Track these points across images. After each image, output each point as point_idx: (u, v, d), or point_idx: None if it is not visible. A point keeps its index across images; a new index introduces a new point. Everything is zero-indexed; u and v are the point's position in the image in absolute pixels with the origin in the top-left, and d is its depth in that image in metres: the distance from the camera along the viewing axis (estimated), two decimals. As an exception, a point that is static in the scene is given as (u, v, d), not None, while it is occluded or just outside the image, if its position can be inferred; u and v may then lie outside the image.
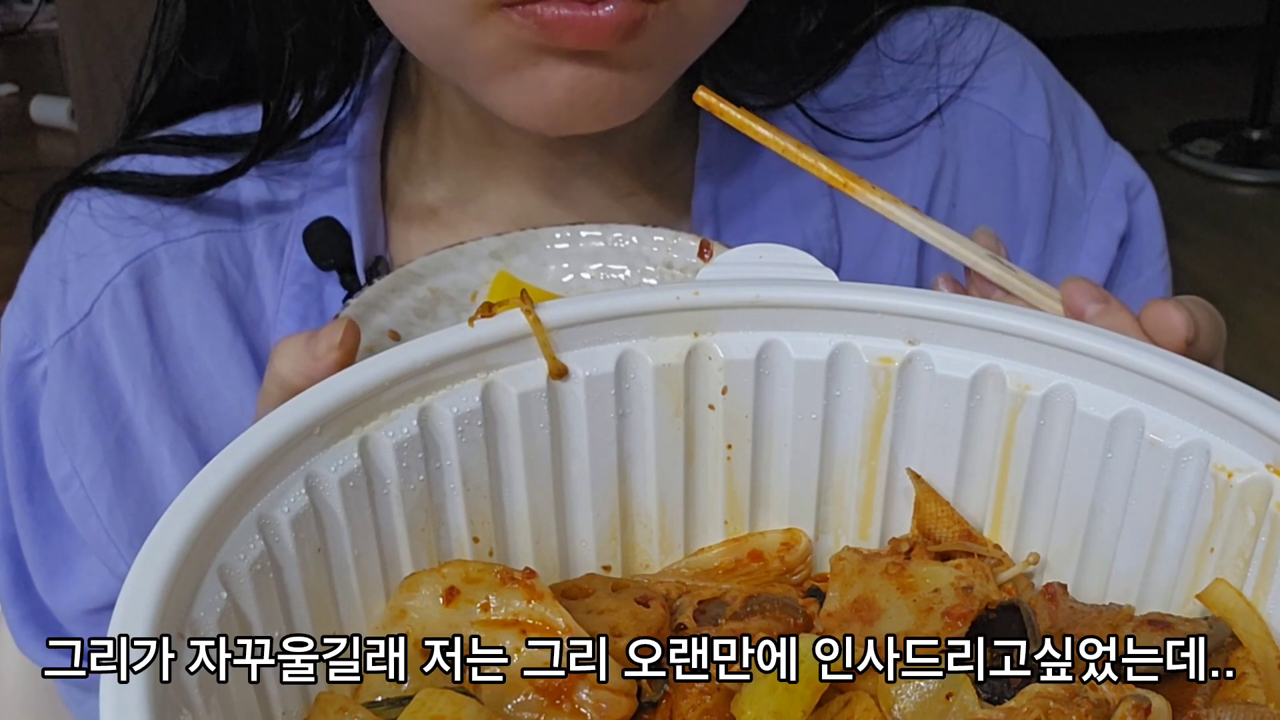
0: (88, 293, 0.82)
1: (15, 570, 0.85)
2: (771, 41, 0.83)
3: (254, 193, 0.84)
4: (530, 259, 0.76)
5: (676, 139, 0.85)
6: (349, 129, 0.83)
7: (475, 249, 0.75)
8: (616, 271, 0.76)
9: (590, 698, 0.48)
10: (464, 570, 0.51)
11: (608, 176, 0.83)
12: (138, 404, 0.81)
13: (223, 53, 0.83)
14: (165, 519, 0.45)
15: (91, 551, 0.83)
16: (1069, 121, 0.88)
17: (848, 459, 0.58)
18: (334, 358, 0.62)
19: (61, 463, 0.81)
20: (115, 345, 0.81)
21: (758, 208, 0.84)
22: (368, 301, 0.72)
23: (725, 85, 0.81)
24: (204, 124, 0.85)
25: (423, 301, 0.74)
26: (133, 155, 0.84)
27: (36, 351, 0.82)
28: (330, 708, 0.48)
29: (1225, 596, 0.51)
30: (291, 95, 0.80)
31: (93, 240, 0.82)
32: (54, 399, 0.81)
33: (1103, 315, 0.62)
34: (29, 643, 0.86)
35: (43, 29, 4.23)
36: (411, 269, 0.74)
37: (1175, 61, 4.24)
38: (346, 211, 0.82)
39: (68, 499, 0.82)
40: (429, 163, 0.85)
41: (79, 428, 0.81)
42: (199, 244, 0.83)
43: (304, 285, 0.82)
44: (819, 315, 0.57)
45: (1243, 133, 3.73)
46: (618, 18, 0.63)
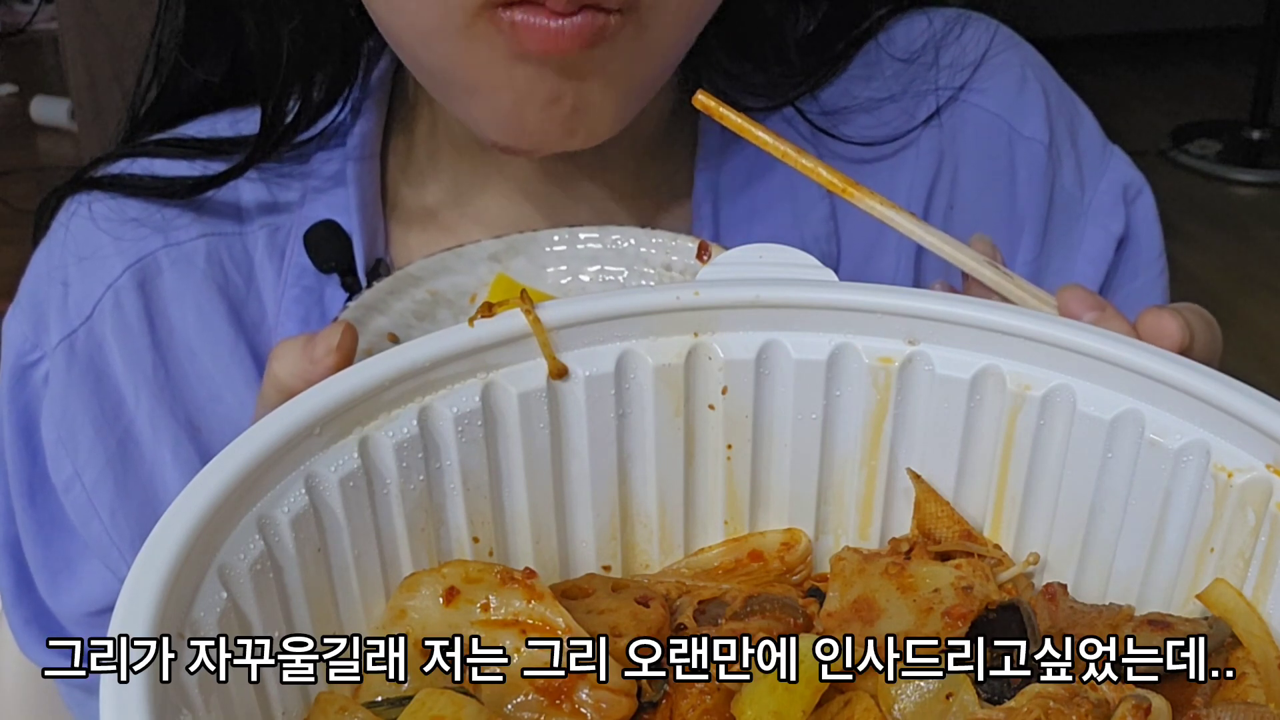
0: (89, 295, 0.82)
1: (17, 573, 0.85)
2: (770, 43, 0.83)
3: (254, 194, 0.84)
4: (529, 261, 0.76)
5: (675, 140, 0.85)
6: (349, 130, 0.84)
7: (474, 251, 0.75)
8: (614, 273, 0.76)
9: (590, 698, 0.48)
10: (464, 570, 0.51)
11: (606, 178, 0.83)
12: (139, 407, 0.81)
13: (222, 54, 0.84)
14: (165, 519, 0.45)
15: (94, 554, 0.83)
16: (1068, 124, 0.88)
17: (848, 459, 0.58)
18: (331, 361, 0.62)
19: (63, 466, 0.81)
20: (117, 348, 0.81)
21: (756, 210, 0.84)
22: (366, 304, 0.72)
23: (724, 87, 0.82)
24: (204, 126, 0.85)
25: (421, 304, 0.74)
26: (133, 158, 0.84)
27: (38, 355, 0.82)
28: (330, 708, 0.48)
29: (1225, 596, 0.51)
30: (289, 95, 0.80)
31: (94, 243, 0.82)
32: (56, 402, 0.81)
33: (1099, 323, 0.62)
34: (31, 645, 0.86)
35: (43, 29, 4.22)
36: (410, 272, 0.74)
37: (1175, 61, 4.24)
38: (346, 213, 0.82)
39: (70, 502, 0.82)
40: (427, 164, 0.85)
41: (81, 431, 0.81)
42: (200, 247, 0.83)
43: (305, 288, 0.82)
44: (819, 315, 0.57)
45: (1243, 133, 3.73)
46: (580, 26, 0.65)
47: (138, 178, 0.83)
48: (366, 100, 0.84)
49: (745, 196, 0.84)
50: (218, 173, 0.82)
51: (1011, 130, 0.86)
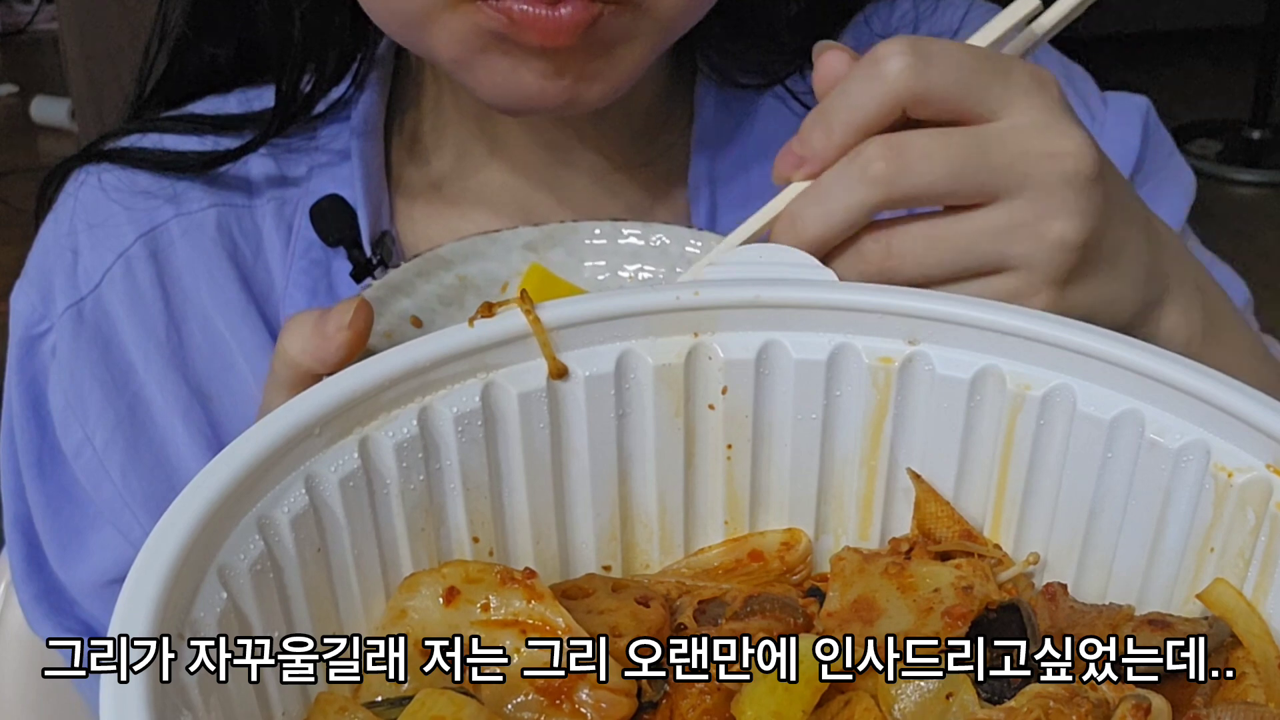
0: (99, 263, 0.82)
1: (28, 549, 0.86)
2: (761, 21, 0.83)
3: (263, 169, 0.85)
4: (567, 253, 0.74)
5: (671, 112, 0.86)
6: (354, 105, 0.84)
7: (509, 238, 0.73)
8: (654, 272, 0.74)
9: (590, 698, 0.48)
10: (464, 570, 0.51)
11: (604, 150, 0.84)
12: (149, 373, 0.82)
13: (230, 31, 0.84)
14: (165, 519, 0.45)
15: (106, 521, 0.83)
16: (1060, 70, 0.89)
17: (848, 459, 0.58)
18: (344, 338, 0.61)
19: (73, 430, 0.82)
20: (127, 316, 0.82)
21: (752, 181, 0.85)
22: (392, 284, 0.70)
23: (718, 63, 0.83)
24: (212, 105, 0.86)
25: (449, 289, 0.72)
26: (143, 133, 0.85)
27: (46, 326, 0.83)
28: (330, 708, 0.48)
29: (1225, 596, 0.51)
30: (303, 73, 0.81)
31: (104, 211, 0.83)
32: (63, 369, 0.82)
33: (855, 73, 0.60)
34: (41, 621, 0.86)
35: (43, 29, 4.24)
36: (440, 254, 0.72)
37: (1175, 61, 4.23)
38: (351, 187, 0.83)
39: (80, 466, 0.82)
40: (432, 137, 0.86)
41: (89, 394, 0.81)
42: (210, 216, 0.84)
43: (312, 260, 0.83)
44: (819, 315, 0.57)
45: (1243, 133, 3.73)
46: (575, 17, 0.65)
47: (148, 151, 0.84)
48: (370, 75, 0.84)
49: (740, 168, 0.85)
50: (230, 148, 0.82)
51: None
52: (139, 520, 0.82)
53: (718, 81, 0.86)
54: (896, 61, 0.59)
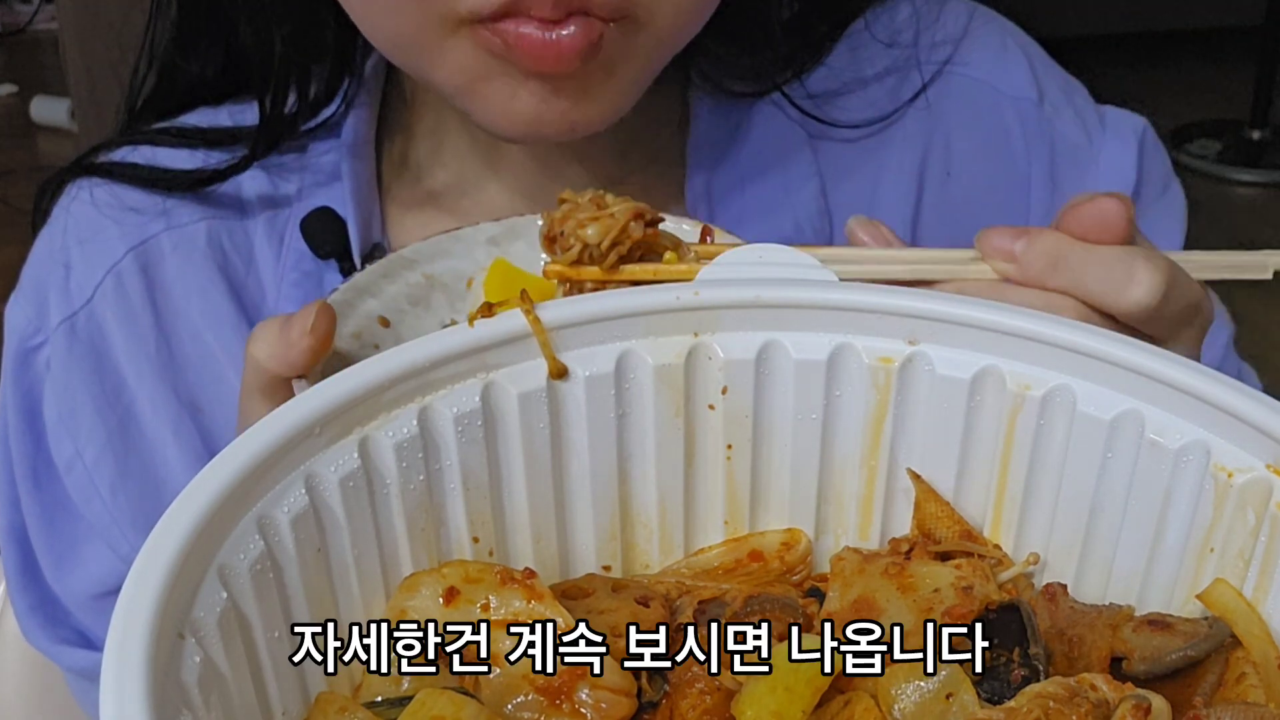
0: (90, 278, 0.82)
1: (23, 560, 0.86)
2: (755, 26, 0.83)
3: (254, 184, 0.85)
4: (528, 245, 0.74)
5: (663, 116, 0.86)
6: (345, 122, 0.84)
7: (472, 235, 0.74)
8: None
9: (590, 697, 0.48)
10: (464, 570, 0.51)
11: (599, 162, 0.84)
12: (141, 387, 0.82)
13: (215, 51, 0.84)
14: (165, 519, 0.45)
15: (96, 534, 0.83)
16: (1060, 85, 0.89)
17: (848, 459, 0.58)
18: (307, 343, 0.62)
19: (65, 445, 0.82)
20: (118, 329, 0.82)
21: (748, 189, 0.85)
22: (358, 286, 0.71)
23: (710, 71, 0.83)
24: (203, 118, 0.86)
25: (416, 288, 0.73)
26: (134, 146, 0.85)
27: (41, 339, 0.83)
28: (330, 708, 0.48)
29: (1225, 596, 0.51)
30: (285, 93, 0.81)
31: (95, 226, 0.83)
32: (57, 382, 0.82)
33: (1031, 245, 0.61)
34: (36, 632, 0.86)
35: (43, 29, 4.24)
36: (404, 255, 0.73)
37: (1175, 61, 4.23)
38: (343, 203, 0.83)
39: (71, 481, 0.82)
40: (430, 153, 0.86)
41: (81, 409, 0.82)
42: (201, 229, 0.84)
43: (304, 273, 0.83)
44: (819, 315, 0.57)
45: (1243, 133, 3.73)
46: (577, 42, 0.65)
47: (139, 167, 0.84)
48: (360, 93, 0.84)
49: (736, 177, 0.85)
50: (219, 168, 0.82)
51: (997, 93, 0.88)
52: (126, 538, 0.82)
53: (710, 91, 0.85)
54: (1147, 290, 0.60)
